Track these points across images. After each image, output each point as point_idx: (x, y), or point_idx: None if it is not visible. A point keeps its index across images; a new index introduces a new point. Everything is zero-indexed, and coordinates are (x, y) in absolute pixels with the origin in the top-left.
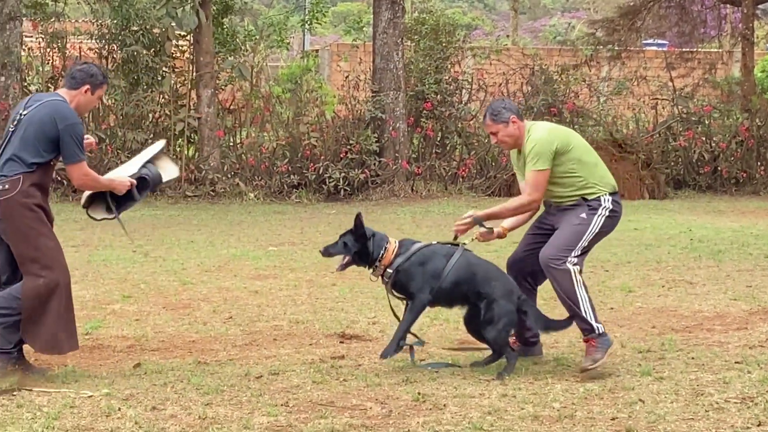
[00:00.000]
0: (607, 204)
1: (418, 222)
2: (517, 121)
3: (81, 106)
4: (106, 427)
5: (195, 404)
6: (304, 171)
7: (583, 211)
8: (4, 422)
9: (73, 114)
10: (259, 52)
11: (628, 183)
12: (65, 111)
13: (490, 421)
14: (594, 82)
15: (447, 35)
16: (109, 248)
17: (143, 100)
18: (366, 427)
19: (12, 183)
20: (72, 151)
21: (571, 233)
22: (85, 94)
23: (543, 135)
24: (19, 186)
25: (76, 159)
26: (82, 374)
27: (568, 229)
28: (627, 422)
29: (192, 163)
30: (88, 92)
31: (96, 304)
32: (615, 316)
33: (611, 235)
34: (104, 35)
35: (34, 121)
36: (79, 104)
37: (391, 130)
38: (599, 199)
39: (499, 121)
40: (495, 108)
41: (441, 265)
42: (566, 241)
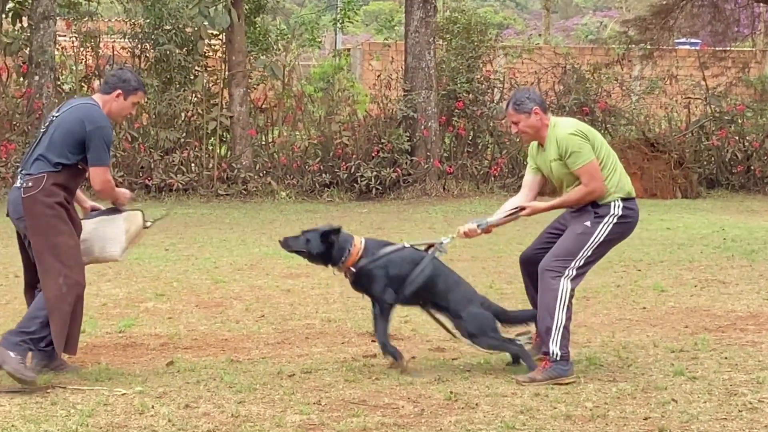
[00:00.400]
0: (617, 210)
1: (450, 221)
2: (540, 113)
3: (114, 111)
4: (140, 424)
5: (228, 402)
6: (336, 170)
7: (588, 219)
8: (39, 419)
9: (102, 117)
10: (291, 51)
11: (661, 182)
12: (95, 114)
13: (522, 420)
14: (626, 81)
15: (479, 34)
16: (141, 246)
17: (176, 99)
18: (398, 426)
19: (36, 181)
20: (97, 154)
21: (573, 242)
22: (116, 99)
23: (570, 129)
24: (42, 184)
25: (100, 162)
26: (116, 372)
27: (571, 238)
28: (660, 422)
29: (224, 162)
30: (120, 97)
31: (129, 302)
32: (647, 315)
33: (644, 234)
34: (137, 34)
35: (64, 123)
36: (111, 110)
37: (423, 129)
38: (609, 206)
39: (522, 111)
40: (518, 98)
41: (405, 270)
42: (566, 250)
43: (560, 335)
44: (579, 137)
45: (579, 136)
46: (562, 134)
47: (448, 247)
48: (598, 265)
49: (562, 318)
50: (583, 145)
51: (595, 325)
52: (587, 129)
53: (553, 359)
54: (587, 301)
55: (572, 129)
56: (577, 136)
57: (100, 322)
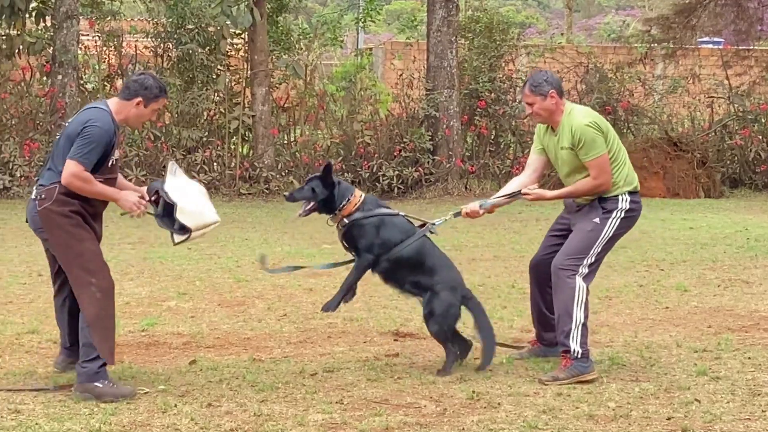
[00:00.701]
0: (624, 205)
1: (471, 221)
2: (556, 97)
3: (131, 118)
4: (163, 423)
5: (250, 401)
6: (357, 169)
7: (596, 216)
8: (62, 418)
9: (101, 120)
10: (313, 51)
11: (684, 182)
12: (95, 116)
13: (545, 420)
14: (649, 80)
15: (501, 33)
16: (164, 246)
17: (198, 98)
18: (420, 425)
19: (48, 192)
20: (76, 146)
21: (583, 240)
22: (137, 107)
23: (585, 119)
24: (54, 195)
25: (74, 155)
26: (139, 371)
27: (580, 236)
28: (683, 422)
29: (246, 161)
30: (140, 105)
31: (152, 301)
32: (670, 315)
33: (666, 234)
34: (160, 34)
35: (69, 129)
36: (129, 116)
37: (444, 129)
38: (616, 200)
39: (538, 93)
40: (536, 79)
41: (395, 238)
42: (578, 248)
43: (579, 333)
44: (594, 129)
45: (594, 128)
46: (577, 123)
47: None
48: (621, 264)
49: (581, 316)
50: (597, 137)
51: (617, 325)
52: (601, 121)
53: (573, 357)
54: (610, 300)
55: (588, 120)
56: (593, 128)
57: (123, 321)
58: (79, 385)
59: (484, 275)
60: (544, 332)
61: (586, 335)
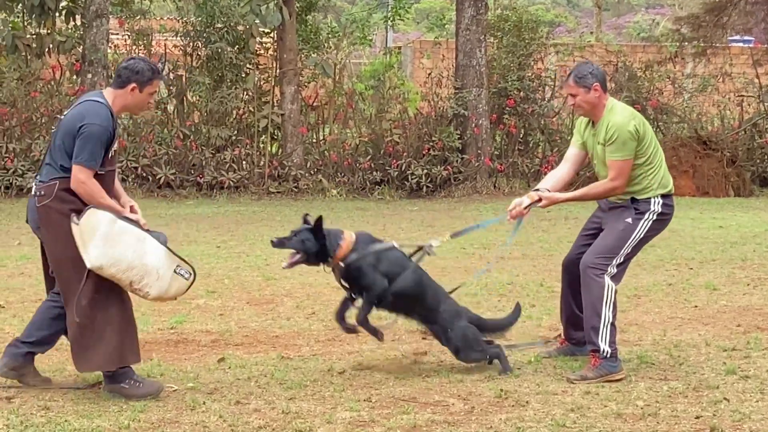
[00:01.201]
0: (657, 207)
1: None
2: (599, 90)
3: (129, 106)
4: (191, 420)
5: (278, 399)
6: (386, 167)
7: (629, 216)
8: (92, 415)
9: (100, 116)
10: (342, 49)
11: (713, 180)
12: (93, 111)
13: (573, 419)
14: (678, 78)
15: (530, 32)
16: (193, 243)
17: (227, 96)
18: (448, 423)
19: (47, 189)
20: (79, 150)
21: (615, 239)
22: (132, 93)
23: (625, 120)
24: (54, 192)
25: (78, 159)
26: (168, 368)
27: (612, 235)
28: (711, 421)
29: (275, 160)
30: (135, 91)
31: (181, 299)
32: (699, 314)
33: (696, 233)
34: (189, 32)
35: (66, 123)
36: (126, 104)
37: (473, 127)
38: (649, 202)
39: (582, 85)
40: (581, 70)
41: (394, 272)
42: (608, 247)
43: (608, 332)
44: (631, 132)
45: (631, 131)
46: (615, 122)
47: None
48: (650, 263)
49: (609, 316)
50: (629, 142)
51: (646, 324)
52: (641, 123)
53: (602, 356)
54: (638, 299)
55: (627, 121)
56: (629, 130)
57: (152, 318)
58: (107, 385)
59: (512, 273)
60: (574, 331)
61: (614, 335)
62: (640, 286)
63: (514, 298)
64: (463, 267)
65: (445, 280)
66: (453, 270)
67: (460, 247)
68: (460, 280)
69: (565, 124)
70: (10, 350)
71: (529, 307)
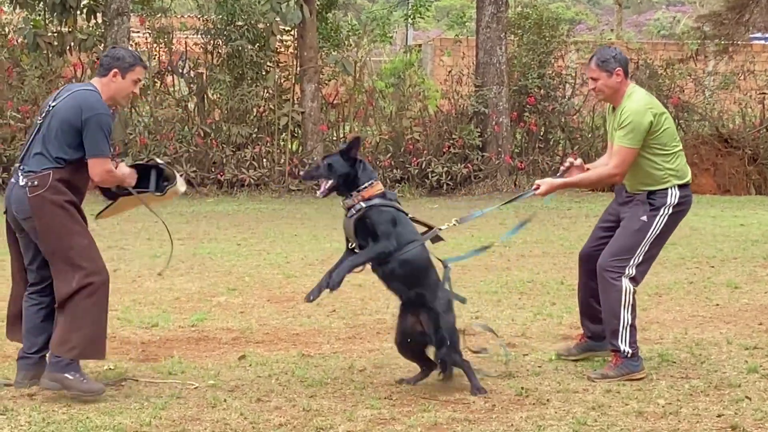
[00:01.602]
0: (673, 199)
1: (522, 217)
2: (622, 75)
3: (114, 93)
4: (212, 417)
5: (299, 396)
6: (406, 165)
7: (644, 213)
8: (113, 412)
9: (101, 104)
10: (362, 47)
11: (735, 178)
12: (92, 100)
13: (594, 417)
14: (700, 76)
15: (550, 30)
16: (214, 241)
17: (248, 94)
18: (469, 421)
19: (41, 179)
20: (94, 143)
21: (631, 239)
22: (114, 79)
23: (641, 108)
24: (49, 182)
25: (98, 152)
26: (189, 365)
27: (627, 234)
28: (733, 419)
29: (296, 158)
30: (117, 76)
31: (201, 297)
32: (721, 312)
33: (717, 231)
34: (209, 30)
35: (60, 112)
36: (111, 92)
37: (494, 125)
38: (665, 194)
39: (604, 69)
40: (604, 54)
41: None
42: (624, 248)
43: (628, 333)
44: (643, 122)
45: (644, 121)
46: (631, 108)
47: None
48: (671, 261)
49: (628, 318)
50: (640, 131)
51: (667, 322)
52: (658, 114)
53: (623, 356)
54: (660, 297)
55: (643, 109)
56: (643, 120)
57: (173, 315)
58: (48, 373)
59: (533, 272)
60: (591, 324)
61: (634, 335)
62: (661, 284)
63: (535, 296)
64: (483, 265)
65: (467, 277)
66: (474, 268)
67: (480, 245)
68: (481, 279)
69: (585, 122)
70: (24, 363)
71: (549, 306)
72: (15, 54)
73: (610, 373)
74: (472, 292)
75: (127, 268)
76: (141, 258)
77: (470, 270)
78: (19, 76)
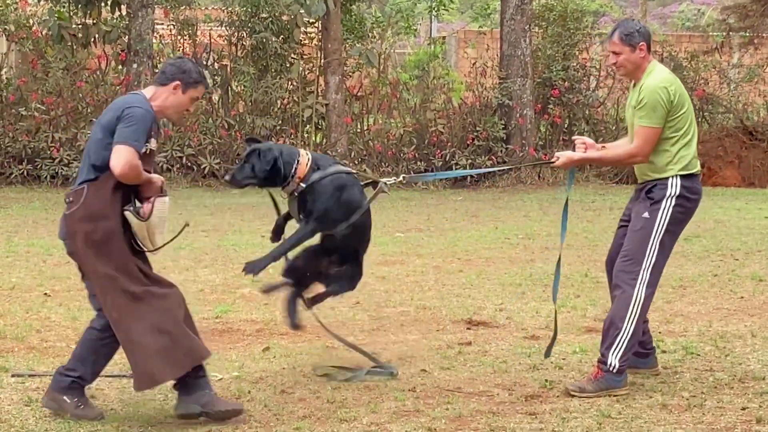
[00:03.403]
0: (674, 190)
1: (545, 209)
2: (645, 50)
3: (169, 106)
4: None
5: (323, 388)
6: (430, 157)
7: (645, 209)
8: (138, 403)
9: (142, 102)
10: (386, 39)
11: (759, 171)
12: (132, 99)
13: (618, 409)
14: (724, 68)
15: (575, 22)
16: (238, 233)
17: (272, 86)
18: (493, 414)
19: (76, 195)
20: (122, 131)
21: (637, 241)
22: (174, 92)
23: (660, 85)
24: (82, 198)
25: (123, 138)
26: (213, 357)
27: (633, 236)
28: (758, 412)
29: (320, 149)
30: (177, 89)
31: (225, 288)
32: (745, 305)
33: (741, 223)
34: (234, 22)
35: (104, 119)
36: (165, 103)
37: (518, 117)
38: (665, 185)
39: (627, 44)
40: (628, 27)
41: (356, 198)
42: (633, 251)
43: (623, 347)
44: (662, 96)
45: (663, 95)
46: (648, 84)
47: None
48: (695, 254)
49: (630, 329)
50: (660, 108)
51: (691, 315)
52: (677, 92)
53: (606, 369)
54: (684, 290)
55: (662, 85)
56: (661, 94)
57: (198, 307)
58: (50, 390)
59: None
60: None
61: (629, 350)
62: (685, 276)
63: (559, 288)
64: (507, 257)
65: (491, 270)
66: (498, 260)
67: (504, 237)
68: (505, 271)
69: (609, 114)
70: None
71: (574, 298)
72: (39, 46)
73: (588, 387)
74: (496, 284)
75: (151, 259)
76: (165, 250)
77: (495, 263)
78: (43, 67)
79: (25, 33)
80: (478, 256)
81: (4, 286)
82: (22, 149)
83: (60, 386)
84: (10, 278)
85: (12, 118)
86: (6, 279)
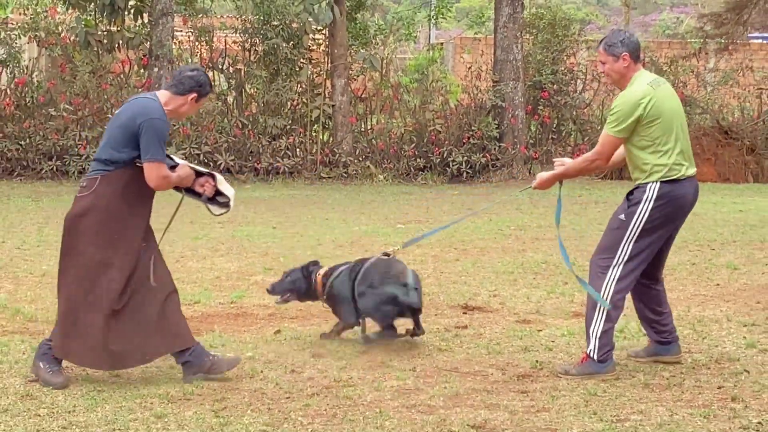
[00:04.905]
0: (651, 194)
1: (535, 203)
2: (628, 60)
3: (182, 112)
4: (250, 387)
5: (330, 368)
6: (429, 155)
7: (622, 211)
8: (159, 381)
9: (158, 111)
10: (388, 45)
11: (734, 167)
12: (150, 107)
13: (604, 388)
14: (701, 72)
15: (563, 29)
16: (251, 225)
17: (282, 89)
18: (487, 392)
19: (89, 182)
20: (148, 148)
21: (610, 238)
22: (191, 102)
23: (635, 99)
24: (95, 186)
25: (152, 156)
26: (228, 339)
27: (607, 234)
28: (732, 391)
29: (327, 147)
30: (193, 101)
31: (240, 276)
32: (721, 291)
33: (717, 216)
34: (247, 29)
35: (118, 119)
36: (179, 110)
37: (510, 118)
38: (644, 189)
39: (610, 54)
40: (612, 39)
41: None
42: (605, 247)
43: (598, 338)
44: (632, 111)
45: (633, 111)
46: (625, 95)
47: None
48: (674, 244)
49: (600, 324)
50: (628, 119)
51: (671, 300)
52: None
53: (590, 356)
54: (664, 278)
55: (636, 98)
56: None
57: (214, 293)
58: (34, 358)
59: (546, 253)
60: (654, 333)
61: (606, 343)
62: (665, 265)
63: (548, 276)
64: (500, 247)
65: (485, 258)
66: (491, 250)
67: (498, 228)
68: (498, 260)
69: (595, 114)
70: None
71: (562, 285)
72: (68, 51)
73: (572, 371)
74: (490, 272)
75: (171, 249)
76: (183, 240)
77: (489, 252)
78: (71, 71)
79: (55, 39)
80: (473, 246)
81: (36, 273)
82: (51, 146)
83: (40, 353)
84: (41, 266)
85: (42, 117)
86: (37, 267)
